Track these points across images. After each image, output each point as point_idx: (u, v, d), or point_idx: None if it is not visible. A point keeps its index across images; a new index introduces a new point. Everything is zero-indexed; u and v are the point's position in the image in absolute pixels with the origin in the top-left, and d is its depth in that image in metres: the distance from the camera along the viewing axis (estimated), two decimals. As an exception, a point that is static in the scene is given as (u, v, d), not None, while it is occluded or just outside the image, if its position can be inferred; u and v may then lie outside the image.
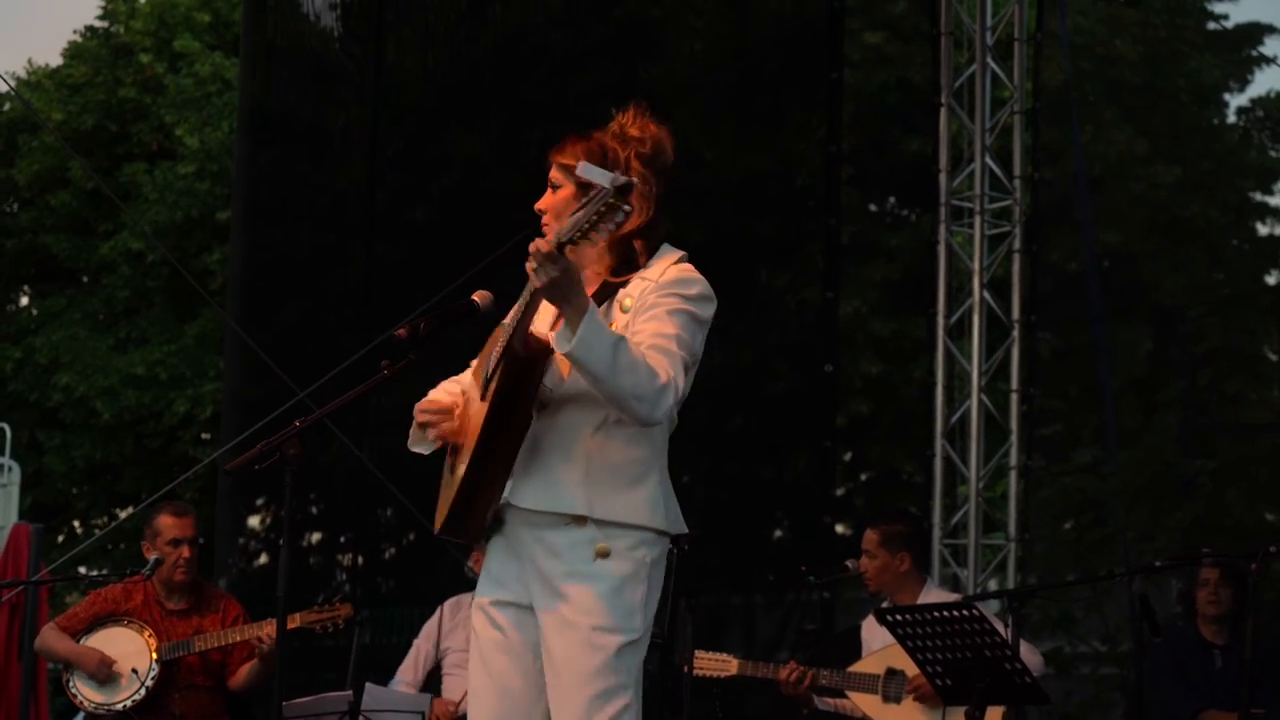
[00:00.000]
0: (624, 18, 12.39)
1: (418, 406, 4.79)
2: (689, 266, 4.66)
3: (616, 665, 4.54)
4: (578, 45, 12.03)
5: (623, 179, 4.17)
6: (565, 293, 4.34)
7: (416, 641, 9.10)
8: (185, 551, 8.33)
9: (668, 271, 4.63)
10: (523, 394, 4.56)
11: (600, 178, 4.20)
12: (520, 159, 11.37)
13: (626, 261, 4.66)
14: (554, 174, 4.75)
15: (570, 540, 4.56)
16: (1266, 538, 9.62)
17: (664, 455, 4.69)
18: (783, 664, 8.18)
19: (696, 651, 7.79)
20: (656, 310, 4.56)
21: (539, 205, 4.74)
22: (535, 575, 4.62)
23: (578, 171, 4.26)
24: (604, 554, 4.53)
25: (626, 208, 4.20)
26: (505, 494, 4.63)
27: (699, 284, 4.64)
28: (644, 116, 4.76)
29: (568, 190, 4.68)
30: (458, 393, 4.85)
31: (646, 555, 4.57)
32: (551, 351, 4.49)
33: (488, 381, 4.58)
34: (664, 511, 4.62)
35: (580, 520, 4.55)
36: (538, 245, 4.32)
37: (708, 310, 4.65)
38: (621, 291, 4.65)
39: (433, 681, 9.00)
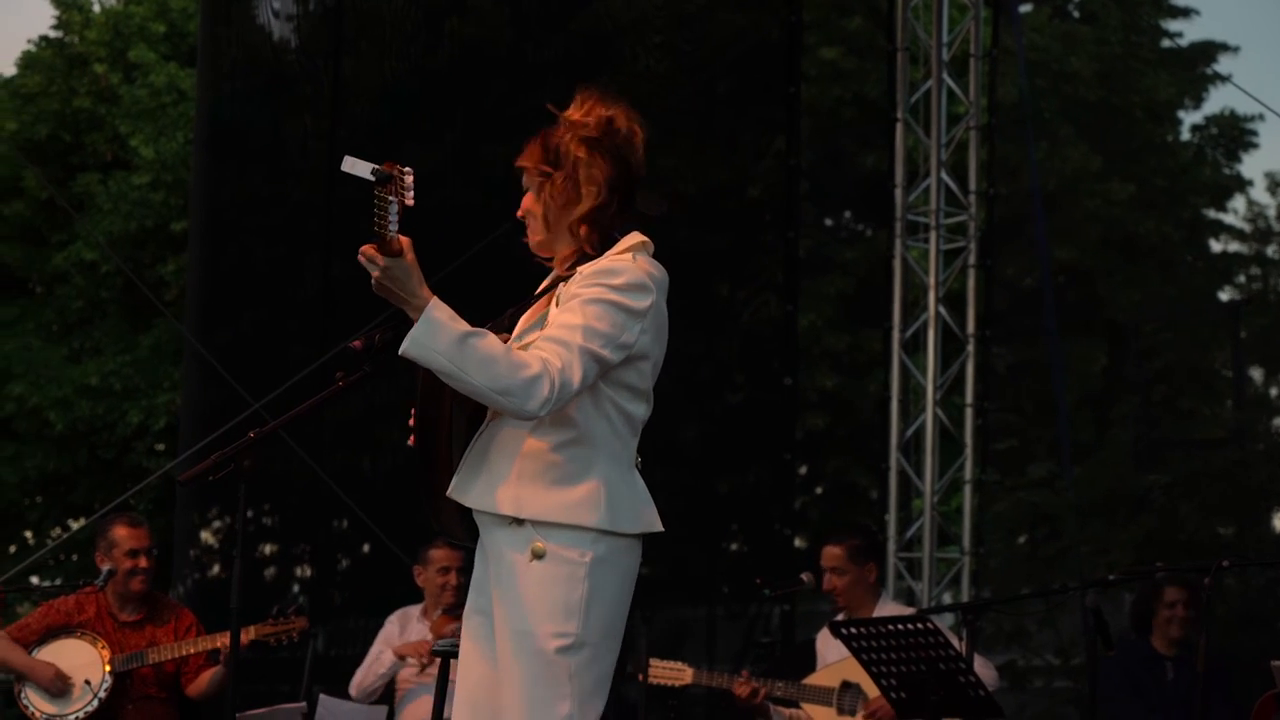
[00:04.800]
0: (582, 32, 12.38)
1: None
2: (626, 256, 4.43)
3: (552, 673, 4.32)
4: (535, 58, 12.01)
5: (379, 169, 4.08)
6: (395, 293, 4.27)
7: (374, 648, 8.98)
8: (143, 561, 8.31)
9: (600, 261, 4.42)
10: (436, 383, 4.40)
11: (360, 170, 4.10)
12: (477, 172, 11.38)
13: (583, 251, 4.49)
14: (523, 179, 4.61)
15: (511, 541, 4.39)
16: (1219, 552, 9.66)
17: (618, 450, 4.45)
18: (737, 675, 8.19)
19: (651, 660, 7.82)
20: (573, 301, 4.36)
21: (519, 212, 4.60)
22: (492, 579, 4.47)
23: (342, 167, 4.13)
24: (539, 554, 4.33)
25: (392, 198, 4.10)
26: (451, 491, 4.49)
27: (628, 272, 4.39)
28: (592, 100, 4.53)
29: (530, 192, 4.57)
30: None
31: (585, 555, 4.34)
32: None
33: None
34: (605, 510, 4.37)
35: (519, 521, 4.37)
36: (361, 250, 4.24)
37: (641, 299, 4.39)
38: (563, 285, 4.46)
39: (387, 693, 8.96)
